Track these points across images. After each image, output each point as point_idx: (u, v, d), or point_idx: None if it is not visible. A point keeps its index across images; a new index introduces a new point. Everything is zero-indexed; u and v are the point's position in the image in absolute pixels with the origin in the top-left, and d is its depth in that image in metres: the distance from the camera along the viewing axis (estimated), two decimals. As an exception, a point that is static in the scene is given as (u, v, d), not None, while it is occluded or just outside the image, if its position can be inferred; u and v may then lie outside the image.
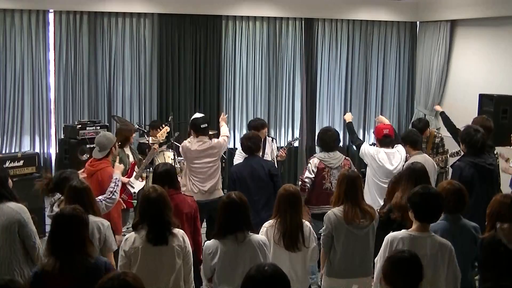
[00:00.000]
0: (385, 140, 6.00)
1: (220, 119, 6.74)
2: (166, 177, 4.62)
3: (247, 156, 5.80)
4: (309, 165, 5.75)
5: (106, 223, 4.14)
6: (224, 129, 6.49)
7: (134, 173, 6.36)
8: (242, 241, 3.78)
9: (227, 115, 7.22)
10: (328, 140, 5.80)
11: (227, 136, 6.40)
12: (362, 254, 4.37)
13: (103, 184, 5.15)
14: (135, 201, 6.48)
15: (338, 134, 6.04)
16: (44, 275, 3.23)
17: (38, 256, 4.07)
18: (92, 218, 3.91)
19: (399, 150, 6.05)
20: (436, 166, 6.10)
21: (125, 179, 6.20)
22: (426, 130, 7.03)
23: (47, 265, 3.24)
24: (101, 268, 3.30)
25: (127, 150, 6.52)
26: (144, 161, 6.55)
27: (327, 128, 6.18)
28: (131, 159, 6.53)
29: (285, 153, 7.19)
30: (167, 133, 6.98)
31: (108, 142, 5.51)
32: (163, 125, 6.97)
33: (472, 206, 4.61)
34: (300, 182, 5.75)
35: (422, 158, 5.88)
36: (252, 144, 5.76)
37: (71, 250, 3.23)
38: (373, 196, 5.84)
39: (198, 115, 6.54)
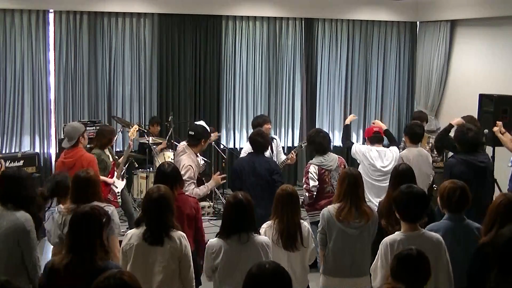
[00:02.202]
0: (375, 137, 6.11)
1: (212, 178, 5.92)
2: (178, 176, 4.59)
3: (251, 152, 5.79)
4: (309, 174, 5.59)
5: (111, 207, 4.18)
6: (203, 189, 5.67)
7: (115, 173, 6.47)
8: (245, 242, 3.78)
9: (218, 173, 6.03)
10: (323, 142, 5.75)
11: (198, 194, 5.42)
12: (354, 254, 4.32)
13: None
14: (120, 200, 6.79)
15: (328, 134, 6.02)
16: (52, 270, 3.22)
17: (34, 272, 3.81)
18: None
19: (391, 150, 6.08)
20: (431, 158, 6.20)
21: (110, 180, 6.26)
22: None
23: (57, 260, 3.25)
24: None
25: (107, 151, 6.56)
26: (120, 160, 6.67)
27: (318, 130, 6.04)
28: (111, 159, 6.61)
29: (295, 157, 6.88)
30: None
31: (74, 132, 5.57)
32: (133, 124, 7.05)
33: None
34: (307, 193, 5.57)
35: (416, 151, 5.97)
36: (265, 141, 5.76)
37: (81, 250, 3.20)
38: (366, 194, 5.83)
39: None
